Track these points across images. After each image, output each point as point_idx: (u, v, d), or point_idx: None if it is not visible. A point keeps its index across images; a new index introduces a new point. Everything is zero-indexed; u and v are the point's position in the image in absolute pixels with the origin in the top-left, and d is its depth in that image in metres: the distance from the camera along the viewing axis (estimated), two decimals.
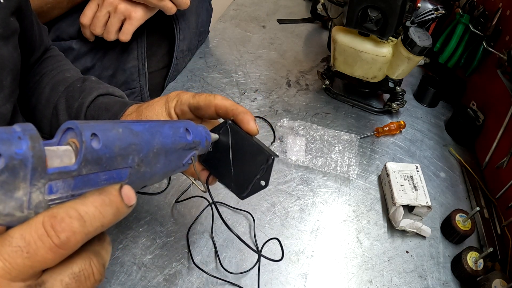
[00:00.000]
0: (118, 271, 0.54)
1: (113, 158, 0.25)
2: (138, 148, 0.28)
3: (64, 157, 0.23)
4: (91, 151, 0.24)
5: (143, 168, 0.29)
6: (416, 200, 0.61)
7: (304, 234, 0.61)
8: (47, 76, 0.53)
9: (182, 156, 0.35)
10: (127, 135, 0.27)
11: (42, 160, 0.21)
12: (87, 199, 0.22)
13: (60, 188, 0.22)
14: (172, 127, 0.33)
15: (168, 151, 0.32)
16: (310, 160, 0.71)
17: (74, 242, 0.21)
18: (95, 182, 0.25)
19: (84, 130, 0.23)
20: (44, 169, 0.21)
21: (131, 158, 0.27)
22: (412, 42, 0.65)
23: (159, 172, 0.32)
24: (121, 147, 0.26)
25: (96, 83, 0.51)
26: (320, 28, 1.09)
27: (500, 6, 0.74)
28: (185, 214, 0.62)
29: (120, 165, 0.26)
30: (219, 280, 0.54)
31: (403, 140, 0.79)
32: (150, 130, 0.30)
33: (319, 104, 0.85)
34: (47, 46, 0.57)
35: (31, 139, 0.20)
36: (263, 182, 0.40)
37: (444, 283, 0.58)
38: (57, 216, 0.21)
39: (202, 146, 0.38)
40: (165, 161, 0.32)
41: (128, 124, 0.28)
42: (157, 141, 0.30)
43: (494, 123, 0.72)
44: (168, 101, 0.44)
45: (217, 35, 1.01)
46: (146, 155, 0.29)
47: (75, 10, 0.68)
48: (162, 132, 0.31)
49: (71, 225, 0.21)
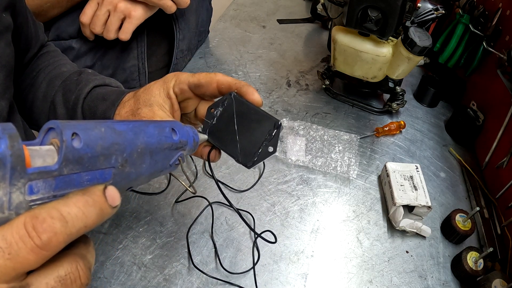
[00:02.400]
0: (118, 271, 0.54)
1: (95, 158, 0.25)
2: (121, 147, 0.27)
3: (46, 157, 0.23)
4: (72, 150, 0.23)
5: (128, 169, 0.28)
6: (416, 200, 0.61)
7: (304, 234, 0.61)
8: (43, 71, 0.53)
9: (169, 157, 0.34)
10: (109, 134, 0.26)
11: (21, 160, 0.20)
12: (70, 200, 0.22)
13: (41, 189, 0.22)
14: (157, 127, 0.33)
15: (154, 151, 0.31)
16: (310, 160, 0.71)
17: (56, 243, 0.21)
18: (77, 182, 0.24)
19: (65, 129, 0.23)
20: (23, 169, 0.21)
21: (114, 158, 0.27)
22: (412, 42, 0.65)
23: (145, 173, 0.31)
24: (104, 146, 0.26)
25: (92, 75, 0.51)
26: (320, 28, 1.09)
27: (500, 6, 0.74)
28: (185, 214, 0.61)
29: (103, 165, 0.26)
30: (219, 280, 0.54)
31: (403, 140, 0.79)
32: (134, 130, 0.29)
33: (319, 104, 0.85)
34: (43, 43, 0.57)
35: (10, 138, 0.20)
36: (271, 148, 0.40)
37: (444, 283, 0.58)
38: (38, 217, 0.20)
39: (190, 147, 0.37)
40: (151, 162, 0.31)
41: (110, 124, 0.27)
42: (141, 141, 0.30)
43: (494, 123, 0.72)
44: (166, 82, 0.43)
45: (217, 35, 1.01)
46: (130, 155, 0.28)
47: (75, 9, 0.68)
48: (146, 132, 0.31)
49: (52, 225, 0.20)
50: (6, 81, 0.43)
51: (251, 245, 0.58)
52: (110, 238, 0.57)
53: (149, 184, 0.65)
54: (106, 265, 0.54)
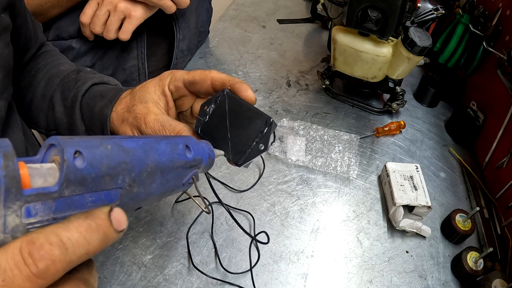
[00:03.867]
0: (118, 271, 0.54)
1: (100, 178, 0.23)
2: (129, 167, 0.25)
3: (48, 176, 0.22)
4: (73, 170, 0.21)
5: (136, 189, 0.27)
6: (416, 200, 0.61)
7: (304, 234, 0.61)
8: (42, 70, 0.53)
9: (182, 175, 0.32)
10: (116, 153, 0.24)
11: (16, 181, 0.19)
12: (71, 224, 0.20)
13: (40, 211, 0.20)
14: (170, 143, 0.31)
15: (165, 170, 0.29)
16: (310, 160, 0.71)
17: (54, 272, 0.19)
18: (80, 204, 0.22)
19: (66, 147, 0.21)
20: (19, 191, 0.19)
21: (121, 178, 0.25)
22: (412, 42, 0.65)
23: (155, 193, 0.29)
24: (110, 165, 0.24)
25: (91, 73, 0.51)
26: (320, 28, 1.09)
27: (500, 6, 0.74)
28: (185, 214, 0.61)
29: (109, 186, 0.24)
30: (218, 281, 0.54)
31: (403, 140, 0.79)
32: (144, 147, 0.27)
33: (319, 104, 0.85)
34: (42, 42, 0.57)
35: (4, 157, 0.18)
36: (262, 146, 0.38)
37: (444, 283, 0.58)
38: (35, 242, 0.19)
39: (205, 164, 0.35)
40: (162, 181, 0.29)
41: (118, 141, 0.25)
42: (151, 159, 0.28)
43: (494, 123, 0.72)
44: (162, 79, 0.43)
45: (217, 35, 1.01)
46: (139, 174, 0.26)
47: (75, 9, 0.68)
48: (157, 149, 0.29)
49: (51, 252, 0.19)
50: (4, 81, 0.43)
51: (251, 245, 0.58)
52: None
53: None
54: (106, 265, 0.54)
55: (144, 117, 0.41)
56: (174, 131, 0.39)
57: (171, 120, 0.41)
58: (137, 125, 0.41)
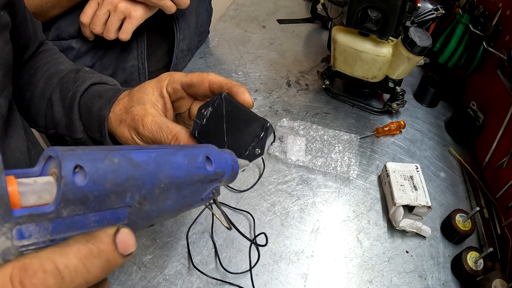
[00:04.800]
0: (118, 271, 0.54)
1: (104, 197, 0.20)
2: (138, 183, 0.22)
3: (43, 192, 0.19)
4: (73, 188, 0.19)
5: (148, 207, 0.24)
6: (416, 200, 0.61)
7: (304, 234, 0.61)
8: (41, 69, 0.53)
9: (201, 190, 0.29)
10: (124, 167, 0.21)
11: (4, 201, 0.17)
12: (69, 249, 0.18)
13: (35, 233, 0.18)
14: (188, 155, 0.27)
15: (182, 185, 0.26)
16: (310, 160, 0.71)
17: None
18: (82, 224, 0.20)
19: (65, 161, 0.19)
20: (7, 211, 0.17)
21: (129, 196, 0.22)
22: (412, 42, 0.65)
23: (169, 210, 0.26)
24: (116, 182, 0.21)
25: (90, 72, 0.51)
26: (320, 28, 1.09)
27: (500, 6, 0.74)
28: (185, 214, 0.61)
29: (115, 205, 0.21)
30: (218, 281, 0.54)
31: (403, 140, 0.79)
32: (157, 160, 0.24)
33: (319, 104, 0.85)
34: (41, 41, 0.57)
35: None
36: (258, 150, 0.38)
37: (444, 283, 0.58)
38: (28, 269, 0.17)
39: (227, 177, 0.32)
40: (178, 197, 0.26)
41: (127, 153, 0.22)
42: (165, 174, 0.24)
43: (494, 123, 0.72)
44: (160, 81, 0.43)
45: (217, 35, 1.01)
46: (151, 191, 0.23)
47: (75, 9, 0.68)
48: (172, 162, 0.25)
49: (44, 282, 0.17)
50: (4, 79, 0.43)
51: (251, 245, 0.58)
52: None
53: None
54: None
55: (141, 118, 0.41)
56: (171, 133, 0.39)
57: (168, 122, 0.40)
58: (135, 127, 0.41)
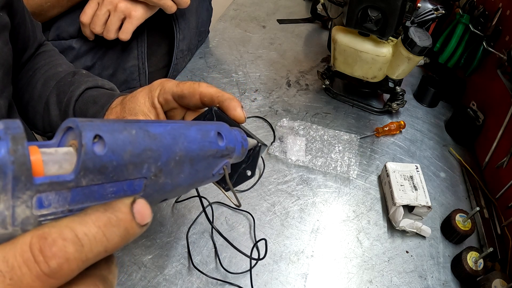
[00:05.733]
0: (118, 271, 0.54)
1: (122, 167, 0.21)
2: (155, 155, 0.23)
3: (64, 162, 0.19)
4: (92, 157, 0.19)
5: (163, 179, 0.24)
6: (416, 200, 0.61)
7: (304, 234, 0.61)
8: (39, 71, 0.53)
9: (212, 165, 0.30)
10: (141, 138, 0.22)
11: (26, 168, 0.17)
12: (88, 217, 0.18)
13: (54, 202, 0.18)
14: (201, 130, 0.28)
15: (195, 158, 0.27)
16: (310, 160, 0.71)
17: (68, 271, 0.17)
18: (100, 195, 0.20)
19: (85, 130, 0.19)
20: (29, 179, 0.17)
21: (146, 167, 0.22)
22: (412, 42, 0.65)
23: (183, 184, 0.27)
24: (134, 153, 0.21)
25: (86, 76, 0.51)
26: (320, 28, 1.09)
27: (500, 6, 0.74)
28: (185, 214, 0.61)
29: (132, 175, 0.21)
30: (218, 281, 0.54)
31: (403, 140, 0.79)
32: (172, 133, 0.25)
33: (319, 104, 0.85)
34: (41, 42, 0.57)
35: (13, 141, 0.16)
36: (249, 172, 0.36)
37: (444, 283, 0.58)
38: (47, 238, 0.17)
39: (237, 154, 0.32)
40: (191, 171, 0.27)
41: (144, 125, 0.23)
42: (180, 147, 0.25)
43: (494, 123, 0.72)
44: (152, 91, 0.42)
45: (217, 35, 1.01)
46: (167, 163, 0.24)
47: (75, 9, 0.68)
48: (187, 136, 0.26)
49: (64, 249, 0.17)
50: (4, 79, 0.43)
51: (251, 245, 0.58)
52: None
53: None
54: None
55: None
56: None
57: None
58: None
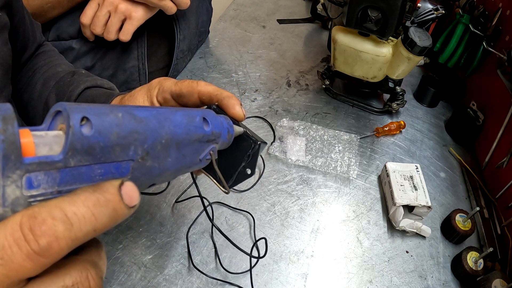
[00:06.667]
0: (118, 271, 0.54)
1: (109, 148, 0.21)
2: (141, 137, 0.23)
3: (54, 144, 0.20)
4: (80, 137, 0.20)
5: (150, 163, 0.25)
6: (416, 200, 0.61)
7: (304, 234, 0.61)
8: (39, 71, 0.53)
9: (199, 150, 0.30)
10: (128, 121, 0.23)
11: (16, 147, 0.17)
12: (77, 197, 0.19)
13: (43, 182, 0.19)
14: (186, 115, 0.29)
15: (181, 143, 0.27)
16: (310, 160, 0.71)
17: (57, 250, 0.18)
18: (88, 176, 0.21)
19: (73, 113, 0.20)
20: (19, 158, 0.17)
21: (133, 149, 0.23)
22: (412, 42, 0.65)
23: (170, 168, 0.27)
24: (120, 135, 0.22)
25: (85, 76, 0.51)
26: (320, 28, 1.09)
27: (500, 6, 0.74)
28: (185, 214, 0.62)
29: (119, 157, 0.22)
30: (218, 281, 0.54)
31: (403, 140, 0.79)
32: (158, 117, 0.25)
33: (319, 104, 0.85)
34: (40, 42, 0.57)
35: (3, 121, 0.17)
36: (249, 170, 0.37)
37: (444, 283, 0.58)
38: (37, 217, 0.17)
39: (223, 140, 0.33)
40: (178, 155, 0.27)
41: (130, 109, 0.24)
42: (166, 130, 0.26)
43: (494, 123, 0.72)
44: (150, 90, 0.42)
45: (217, 35, 1.01)
46: (153, 146, 0.25)
47: (75, 9, 0.68)
48: (173, 120, 0.27)
49: (54, 228, 0.17)
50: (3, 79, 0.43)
51: (251, 245, 0.59)
52: (110, 238, 0.57)
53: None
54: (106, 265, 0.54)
55: None
56: None
57: None
58: None
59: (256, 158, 0.37)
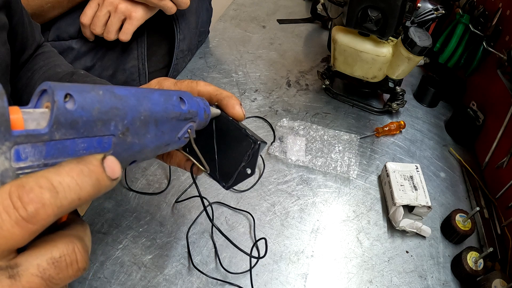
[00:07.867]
0: (118, 271, 0.54)
1: (91, 123, 0.23)
2: (121, 113, 0.25)
3: (41, 120, 0.21)
4: (64, 112, 0.21)
5: (130, 138, 0.26)
6: (416, 200, 0.61)
7: (304, 234, 0.61)
8: (38, 72, 0.53)
9: (177, 128, 0.32)
10: (108, 98, 0.24)
11: (5, 119, 0.18)
12: (62, 168, 0.20)
13: (30, 155, 0.20)
14: (163, 94, 0.30)
15: (159, 120, 0.29)
16: (310, 160, 0.71)
17: (44, 216, 0.19)
18: (72, 150, 0.22)
19: (57, 90, 0.21)
20: (7, 129, 0.18)
21: (113, 125, 0.24)
22: (412, 42, 0.65)
23: (150, 145, 0.29)
24: (101, 110, 0.23)
25: (84, 76, 0.51)
26: (320, 28, 1.09)
27: (500, 6, 0.74)
28: (185, 214, 0.62)
29: (101, 132, 0.23)
30: (218, 281, 0.54)
31: (403, 140, 0.79)
32: (137, 95, 0.27)
33: (319, 104, 0.85)
34: (39, 43, 0.57)
35: None
36: (249, 170, 0.37)
37: (444, 283, 0.58)
38: (25, 186, 0.18)
39: (200, 119, 0.34)
40: (157, 132, 0.29)
41: (110, 87, 0.25)
42: (144, 107, 0.27)
43: (494, 123, 0.72)
44: None
45: (217, 35, 1.01)
46: (132, 122, 0.26)
47: (75, 9, 0.68)
48: (151, 98, 0.28)
49: (41, 196, 0.18)
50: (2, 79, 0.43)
51: (250, 245, 0.59)
52: (110, 238, 0.57)
53: (149, 184, 0.65)
54: (106, 265, 0.54)
55: None
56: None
57: None
58: None
59: (256, 158, 0.37)
